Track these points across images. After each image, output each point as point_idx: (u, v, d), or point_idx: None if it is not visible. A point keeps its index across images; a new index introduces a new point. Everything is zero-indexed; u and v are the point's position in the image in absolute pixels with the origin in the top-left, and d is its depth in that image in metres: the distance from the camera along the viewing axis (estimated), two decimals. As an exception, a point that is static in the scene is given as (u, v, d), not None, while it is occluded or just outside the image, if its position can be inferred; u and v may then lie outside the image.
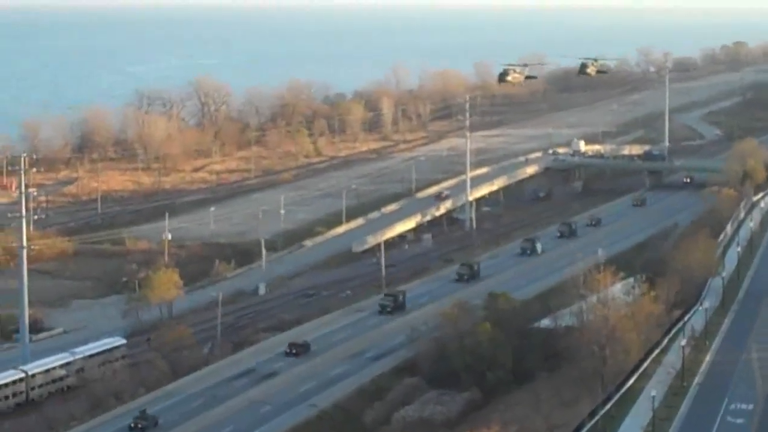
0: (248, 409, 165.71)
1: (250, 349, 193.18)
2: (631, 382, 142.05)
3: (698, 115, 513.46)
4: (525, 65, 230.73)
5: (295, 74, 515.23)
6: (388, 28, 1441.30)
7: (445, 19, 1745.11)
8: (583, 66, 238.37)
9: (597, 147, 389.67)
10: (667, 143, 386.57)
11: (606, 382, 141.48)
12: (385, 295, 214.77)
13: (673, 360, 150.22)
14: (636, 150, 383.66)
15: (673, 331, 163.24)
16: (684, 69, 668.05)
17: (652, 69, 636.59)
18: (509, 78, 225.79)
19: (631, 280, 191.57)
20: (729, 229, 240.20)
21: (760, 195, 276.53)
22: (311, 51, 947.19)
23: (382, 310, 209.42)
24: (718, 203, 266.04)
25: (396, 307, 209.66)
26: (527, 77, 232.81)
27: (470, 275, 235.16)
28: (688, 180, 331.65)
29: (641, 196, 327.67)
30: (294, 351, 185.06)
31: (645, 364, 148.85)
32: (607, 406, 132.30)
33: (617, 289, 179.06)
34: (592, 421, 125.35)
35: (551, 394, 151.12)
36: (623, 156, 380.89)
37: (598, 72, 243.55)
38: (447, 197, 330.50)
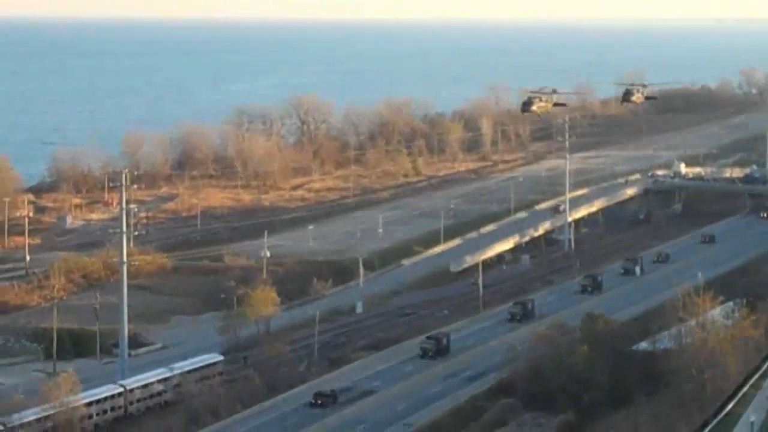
0: (344, 427, 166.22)
1: (347, 367, 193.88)
2: (729, 407, 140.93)
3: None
4: (553, 91, 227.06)
5: (394, 92, 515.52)
6: (487, 47, 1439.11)
7: (543, 38, 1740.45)
8: (628, 93, 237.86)
9: (697, 169, 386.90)
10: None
11: (704, 407, 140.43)
12: (427, 337, 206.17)
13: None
14: (737, 173, 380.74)
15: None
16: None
17: (754, 91, 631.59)
18: (534, 108, 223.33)
19: (731, 303, 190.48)
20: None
21: None
22: (408, 69, 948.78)
23: (424, 354, 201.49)
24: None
25: (439, 351, 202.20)
26: (555, 104, 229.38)
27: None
28: (707, 239, 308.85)
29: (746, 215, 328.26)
30: (320, 402, 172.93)
31: (744, 389, 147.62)
32: (707, 430, 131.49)
33: (717, 312, 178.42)
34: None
35: (649, 418, 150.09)
36: (724, 178, 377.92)
37: (647, 98, 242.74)
38: (564, 210, 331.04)
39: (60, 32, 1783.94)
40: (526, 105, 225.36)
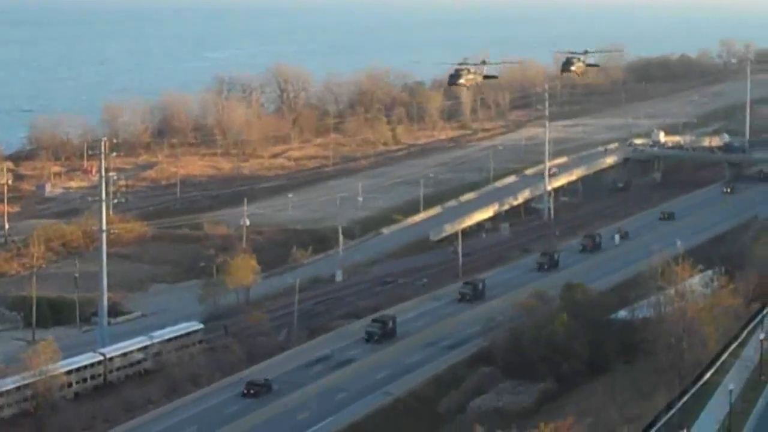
0: (324, 395, 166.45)
1: (326, 336, 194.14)
2: (708, 375, 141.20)
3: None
4: (483, 62, 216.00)
5: (373, 63, 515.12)
6: (463, 21, 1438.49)
7: (519, 12, 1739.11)
8: (568, 63, 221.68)
9: (677, 138, 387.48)
10: (747, 135, 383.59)
11: (683, 375, 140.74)
12: (465, 283, 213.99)
13: (751, 354, 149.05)
14: (716, 142, 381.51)
15: (752, 325, 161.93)
16: (766, 60, 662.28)
17: (733, 60, 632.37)
18: (462, 80, 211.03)
19: (710, 272, 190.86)
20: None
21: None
22: (387, 42, 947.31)
23: (462, 298, 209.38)
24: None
25: (476, 295, 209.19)
26: (485, 77, 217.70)
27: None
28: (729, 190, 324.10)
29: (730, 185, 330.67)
30: (252, 392, 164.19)
31: (722, 358, 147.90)
32: (684, 399, 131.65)
33: (695, 281, 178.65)
34: (668, 414, 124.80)
35: (627, 386, 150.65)
36: (703, 147, 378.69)
37: (588, 66, 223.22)
38: (556, 174, 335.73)
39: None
40: (453, 78, 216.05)
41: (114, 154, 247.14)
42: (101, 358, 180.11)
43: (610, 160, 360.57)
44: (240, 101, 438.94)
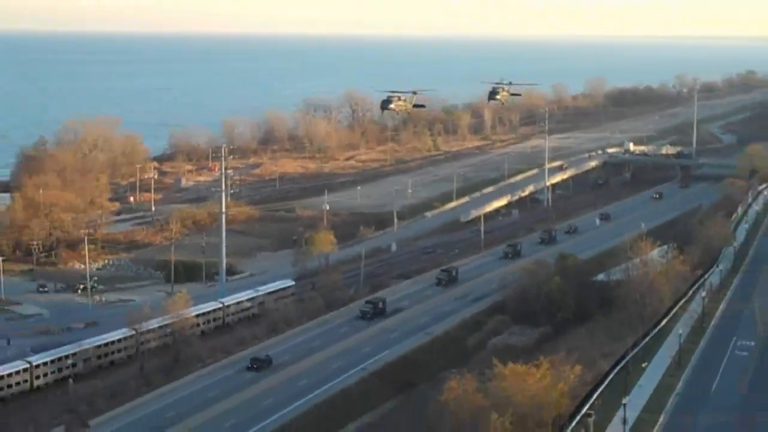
0: (381, 334, 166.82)
1: (384, 291, 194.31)
2: (663, 323, 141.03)
3: (719, 125, 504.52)
4: (414, 93, 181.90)
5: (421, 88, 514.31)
6: (486, 57, 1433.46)
7: (521, 50, 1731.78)
8: (494, 92, 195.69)
9: (642, 147, 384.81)
10: (694, 145, 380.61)
11: (645, 323, 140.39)
12: (442, 270, 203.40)
13: (695, 307, 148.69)
14: (671, 150, 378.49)
15: (696, 286, 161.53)
16: (709, 90, 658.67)
17: (685, 90, 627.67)
18: (392, 106, 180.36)
19: (666, 247, 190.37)
20: (740, 210, 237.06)
21: (764, 186, 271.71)
22: (430, 74, 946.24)
23: (439, 282, 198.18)
24: (731, 191, 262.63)
25: (450, 280, 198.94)
26: (415, 106, 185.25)
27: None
28: (658, 196, 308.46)
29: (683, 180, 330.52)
30: (255, 366, 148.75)
31: (674, 310, 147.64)
32: (645, 340, 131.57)
33: (655, 253, 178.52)
34: (634, 351, 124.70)
35: (604, 331, 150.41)
36: (662, 154, 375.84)
37: (512, 95, 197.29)
38: (567, 168, 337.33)
39: (149, 45, 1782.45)
40: (385, 103, 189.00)
41: (231, 156, 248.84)
42: (221, 305, 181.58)
43: (593, 164, 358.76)
44: (322, 118, 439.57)
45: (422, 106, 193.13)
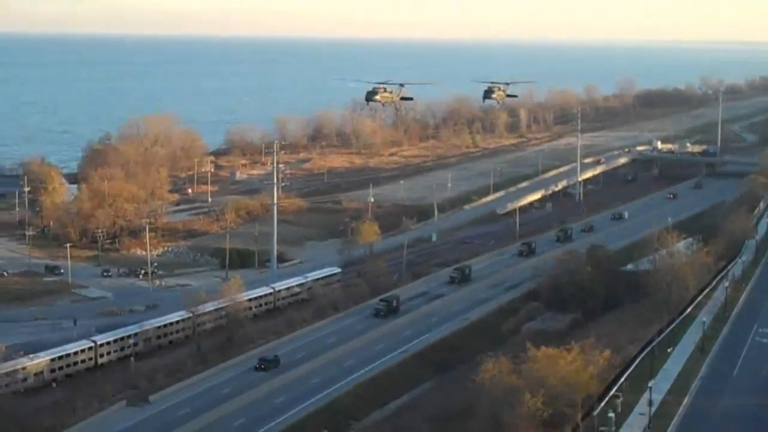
0: (423, 318, 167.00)
1: (425, 278, 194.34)
2: (688, 310, 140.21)
3: (742, 125, 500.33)
4: (401, 85, 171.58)
5: (460, 90, 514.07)
6: (527, 59, 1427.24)
7: (557, 51, 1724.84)
8: (489, 91, 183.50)
9: (669, 145, 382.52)
10: (719, 144, 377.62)
11: (671, 310, 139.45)
12: (454, 269, 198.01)
13: (718, 296, 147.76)
14: (697, 148, 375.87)
15: (720, 276, 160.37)
16: (732, 92, 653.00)
17: (710, 92, 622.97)
18: (378, 97, 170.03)
19: (691, 239, 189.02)
20: (761, 205, 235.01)
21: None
22: (469, 74, 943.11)
23: (452, 281, 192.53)
24: (753, 187, 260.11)
25: (463, 278, 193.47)
26: (402, 98, 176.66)
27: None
28: (672, 196, 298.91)
29: (699, 181, 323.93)
30: (263, 366, 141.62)
31: (699, 299, 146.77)
32: (671, 327, 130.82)
33: (681, 245, 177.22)
34: (660, 337, 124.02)
35: (632, 318, 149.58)
36: (688, 152, 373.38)
37: (508, 96, 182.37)
38: (603, 162, 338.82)
39: (213, 47, 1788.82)
40: (370, 94, 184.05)
41: (282, 152, 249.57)
42: (272, 290, 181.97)
43: (622, 160, 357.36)
44: (368, 116, 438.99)
45: (409, 98, 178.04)
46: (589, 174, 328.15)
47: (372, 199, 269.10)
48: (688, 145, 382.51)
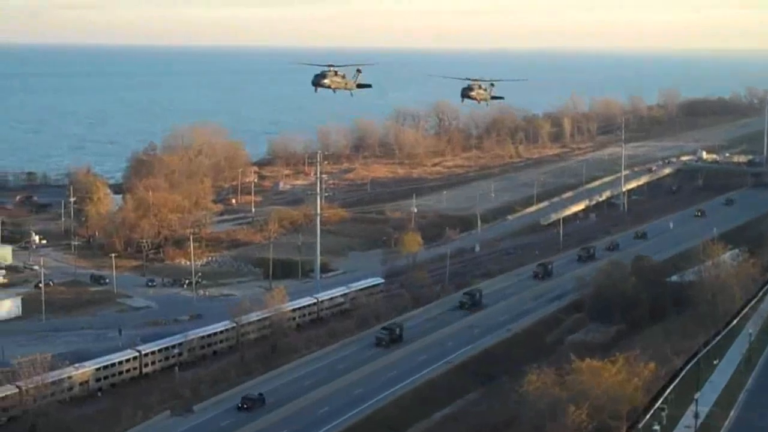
0: (465, 330, 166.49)
1: (488, 281, 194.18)
2: (734, 322, 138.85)
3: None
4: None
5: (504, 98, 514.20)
6: (565, 68, 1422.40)
7: (601, 61, 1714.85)
8: (468, 89, 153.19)
9: (714, 155, 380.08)
10: (765, 154, 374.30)
11: (717, 322, 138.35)
12: (464, 293, 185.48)
13: (765, 308, 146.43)
14: (742, 158, 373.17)
15: (766, 287, 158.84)
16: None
17: (755, 101, 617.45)
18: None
19: (736, 250, 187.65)
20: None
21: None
22: (512, 84, 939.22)
23: (462, 306, 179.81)
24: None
25: (473, 303, 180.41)
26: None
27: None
28: (699, 214, 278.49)
29: (731, 197, 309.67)
30: (245, 406, 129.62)
31: (745, 310, 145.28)
32: (717, 338, 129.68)
33: (726, 256, 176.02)
34: (706, 349, 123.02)
35: (677, 329, 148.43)
36: (733, 162, 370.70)
37: (494, 98, 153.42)
38: (656, 170, 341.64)
39: (260, 57, 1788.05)
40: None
41: (325, 162, 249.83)
42: (315, 300, 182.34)
43: (667, 171, 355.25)
44: (411, 127, 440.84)
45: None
46: (633, 184, 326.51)
47: (415, 210, 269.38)
48: (727, 154, 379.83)
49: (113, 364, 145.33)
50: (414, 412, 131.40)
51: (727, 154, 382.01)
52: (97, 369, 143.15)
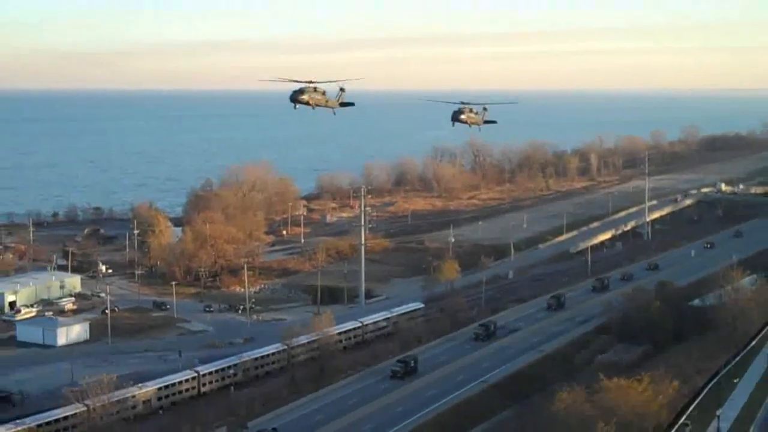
0: (500, 351, 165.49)
1: (502, 313, 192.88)
2: (753, 343, 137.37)
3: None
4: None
5: (533, 136, 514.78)
6: (591, 109, 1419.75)
7: (622, 101, 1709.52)
8: (458, 112, 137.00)
9: (732, 187, 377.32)
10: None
11: (736, 343, 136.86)
12: (479, 324, 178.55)
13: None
14: (760, 190, 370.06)
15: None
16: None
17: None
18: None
19: (755, 275, 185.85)
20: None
21: None
22: (541, 125, 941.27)
23: (477, 337, 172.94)
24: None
25: (488, 335, 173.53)
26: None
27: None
28: (709, 245, 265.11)
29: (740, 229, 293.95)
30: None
31: (763, 332, 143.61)
32: (737, 358, 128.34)
33: (745, 281, 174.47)
34: (727, 368, 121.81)
35: (699, 350, 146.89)
36: (751, 193, 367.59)
37: (487, 122, 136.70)
38: (680, 201, 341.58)
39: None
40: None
41: (369, 196, 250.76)
42: (360, 324, 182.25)
43: (688, 201, 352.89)
44: (448, 162, 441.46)
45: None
46: (657, 214, 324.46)
47: (452, 239, 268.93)
48: (741, 186, 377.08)
49: (174, 384, 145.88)
50: (452, 429, 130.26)
51: (742, 186, 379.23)
52: (159, 388, 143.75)
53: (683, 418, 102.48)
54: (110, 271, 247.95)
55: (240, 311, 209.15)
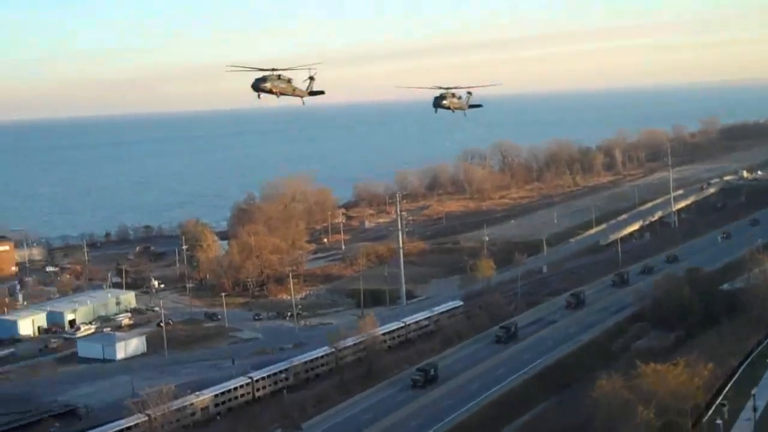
0: (539, 342, 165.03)
1: (538, 307, 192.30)
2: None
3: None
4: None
5: (559, 135, 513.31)
6: (615, 105, 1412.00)
7: (646, 97, 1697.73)
8: (440, 98, 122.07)
9: (753, 174, 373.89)
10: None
11: (767, 324, 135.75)
12: (500, 327, 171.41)
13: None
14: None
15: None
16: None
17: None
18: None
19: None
20: None
21: None
22: (565, 122, 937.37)
23: (498, 340, 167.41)
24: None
25: (509, 336, 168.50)
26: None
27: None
28: (726, 236, 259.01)
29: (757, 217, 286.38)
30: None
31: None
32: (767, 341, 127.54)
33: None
34: (759, 347, 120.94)
35: (730, 333, 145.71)
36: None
37: (472, 106, 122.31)
38: (706, 188, 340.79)
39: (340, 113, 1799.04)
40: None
41: (404, 200, 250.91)
42: (403, 324, 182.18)
43: (712, 190, 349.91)
44: (478, 164, 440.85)
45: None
46: (682, 203, 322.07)
47: (486, 238, 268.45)
48: (759, 173, 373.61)
49: (229, 390, 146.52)
50: (497, 419, 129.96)
51: (760, 173, 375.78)
52: (215, 395, 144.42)
53: (720, 399, 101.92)
54: (162, 286, 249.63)
55: (288, 318, 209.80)
